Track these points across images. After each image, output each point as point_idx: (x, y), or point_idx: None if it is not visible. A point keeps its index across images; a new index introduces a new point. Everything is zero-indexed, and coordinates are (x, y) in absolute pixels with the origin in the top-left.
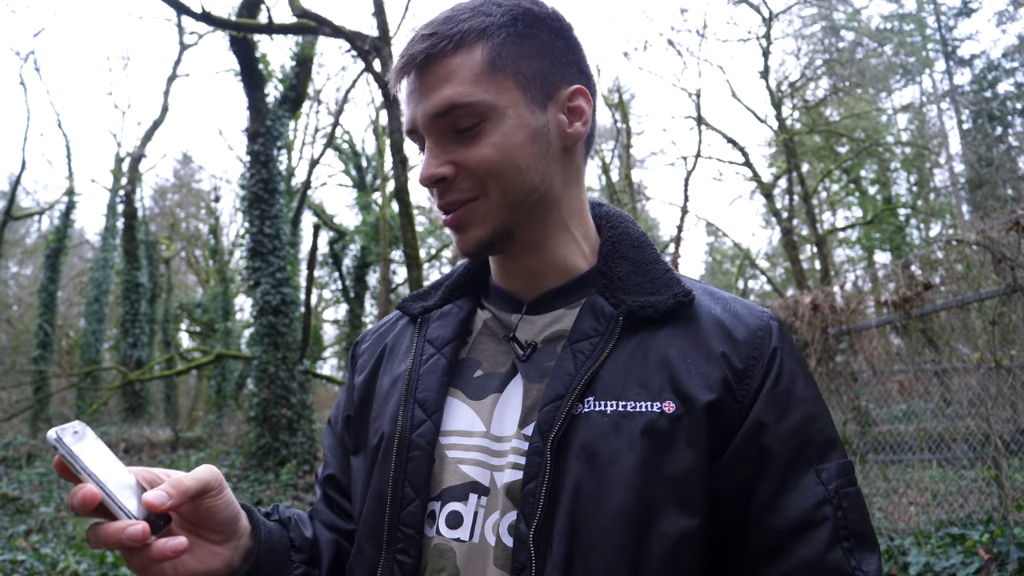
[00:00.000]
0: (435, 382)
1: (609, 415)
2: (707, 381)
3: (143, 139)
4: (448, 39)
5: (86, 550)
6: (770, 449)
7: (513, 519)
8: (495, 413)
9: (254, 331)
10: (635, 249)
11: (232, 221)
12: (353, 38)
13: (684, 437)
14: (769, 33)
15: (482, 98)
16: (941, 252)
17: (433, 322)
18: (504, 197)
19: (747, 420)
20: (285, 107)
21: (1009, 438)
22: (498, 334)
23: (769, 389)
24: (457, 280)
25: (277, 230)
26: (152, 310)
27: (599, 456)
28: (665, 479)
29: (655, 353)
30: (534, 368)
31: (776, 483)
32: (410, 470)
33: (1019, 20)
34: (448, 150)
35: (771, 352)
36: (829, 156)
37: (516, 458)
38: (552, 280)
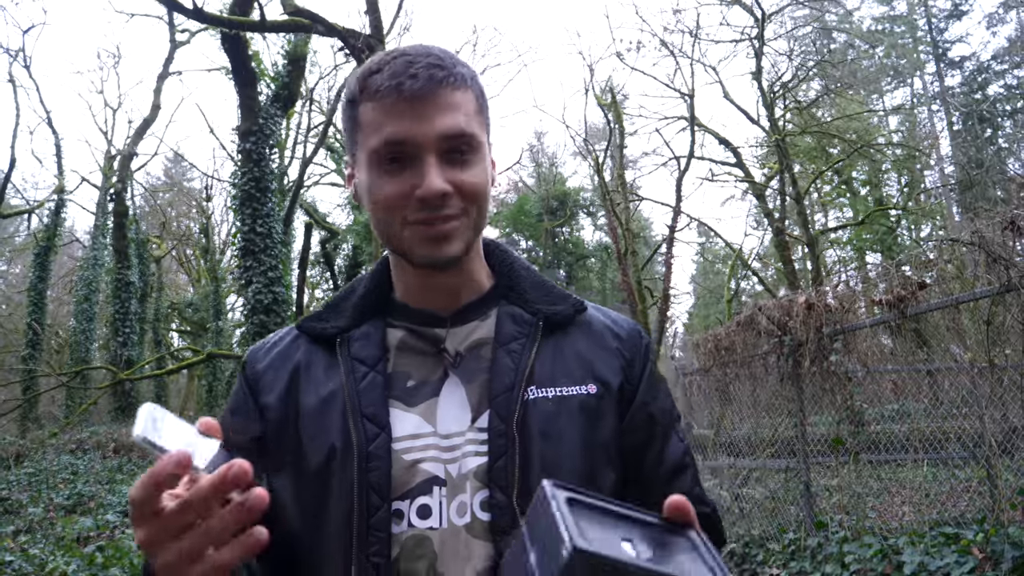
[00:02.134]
0: (378, 397)
1: (551, 399)
2: (613, 369)
3: (134, 137)
4: (454, 76)
5: (75, 551)
6: (655, 417)
7: (483, 496)
8: (438, 414)
9: (245, 330)
10: (528, 271)
11: (224, 220)
12: (346, 36)
13: (607, 411)
14: (762, 34)
15: (477, 132)
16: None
17: (355, 341)
18: (477, 219)
19: (636, 397)
20: (277, 105)
21: (1002, 438)
22: (418, 348)
23: (648, 374)
24: (362, 301)
25: (269, 229)
26: (143, 309)
27: (551, 432)
28: (599, 445)
29: (569, 350)
30: (466, 372)
31: (661, 442)
32: (373, 479)
33: (1009, 23)
34: (448, 171)
35: (645, 347)
36: (821, 157)
37: (475, 447)
38: (467, 295)
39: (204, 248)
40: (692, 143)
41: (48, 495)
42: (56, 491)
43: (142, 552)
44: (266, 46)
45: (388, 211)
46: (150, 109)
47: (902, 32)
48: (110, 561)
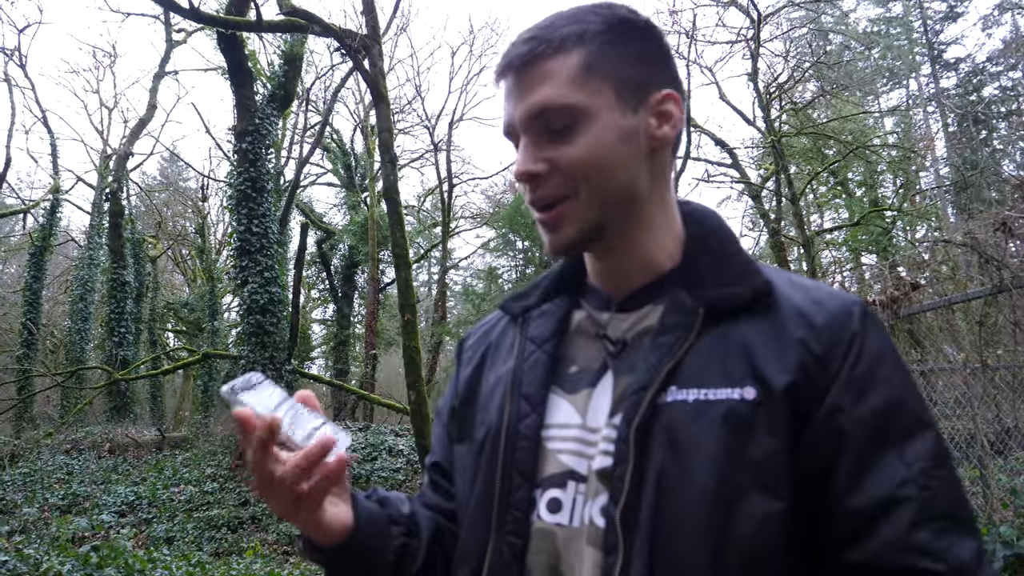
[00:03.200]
0: (537, 378)
1: (691, 403)
2: (784, 366)
3: (130, 137)
4: (547, 43)
5: (70, 551)
6: (847, 430)
7: (604, 502)
8: (590, 406)
9: (241, 330)
10: (721, 243)
11: (220, 220)
12: (342, 36)
13: (765, 422)
14: (758, 35)
15: (576, 100)
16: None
17: (533, 321)
18: (593, 196)
19: (824, 403)
20: (273, 105)
21: (994, 437)
22: (590, 332)
23: (847, 372)
24: (553, 280)
25: (265, 229)
26: (138, 309)
27: (681, 442)
28: (747, 463)
29: (735, 342)
30: (624, 363)
31: (854, 464)
32: (518, 458)
33: (1004, 25)
34: (542, 148)
35: (851, 336)
36: (817, 158)
37: (606, 445)
38: (639, 278)
39: (200, 248)
40: (688, 144)
41: (43, 495)
42: (51, 491)
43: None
44: (262, 46)
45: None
46: (146, 109)
47: (898, 34)
48: (105, 561)
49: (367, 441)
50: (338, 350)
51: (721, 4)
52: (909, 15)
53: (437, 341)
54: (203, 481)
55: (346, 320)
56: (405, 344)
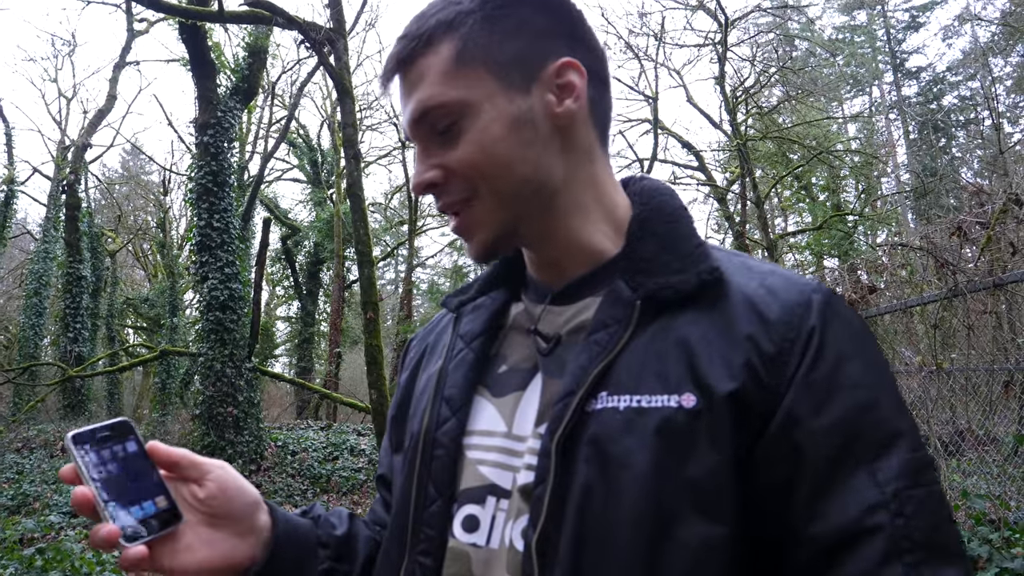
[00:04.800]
0: (461, 378)
1: (622, 411)
2: (729, 369)
3: (88, 128)
4: (416, 39)
5: (14, 553)
6: (805, 446)
7: (525, 523)
8: (517, 412)
9: (201, 327)
10: (667, 224)
11: (182, 214)
12: (307, 29)
13: (706, 435)
14: (725, 39)
15: (451, 96)
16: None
17: (466, 316)
18: (496, 195)
19: (777, 413)
20: (237, 98)
21: (948, 439)
22: (526, 327)
23: (804, 375)
24: (493, 271)
25: (226, 224)
26: (95, 304)
27: (609, 457)
28: (684, 482)
29: (674, 340)
30: (555, 363)
31: (815, 486)
32: (434, 469)
33: (964, 36)
34: (433, 154)
35: (808, 332)
36: (781, 162)
37: (531, 458)
38: (577, 268)
39: (160, 243)
40: (655, 146)
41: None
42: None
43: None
44: (227, 38)
45: None
46: (106, 99)
47: (862, 42)
48: (50, 564)
49: (329, 440)
50: (302, 348)
51: (689, 8)
52: (873, 24)
53: (402, 340)
54: None
55: (311, 317)
56: (367, 342)
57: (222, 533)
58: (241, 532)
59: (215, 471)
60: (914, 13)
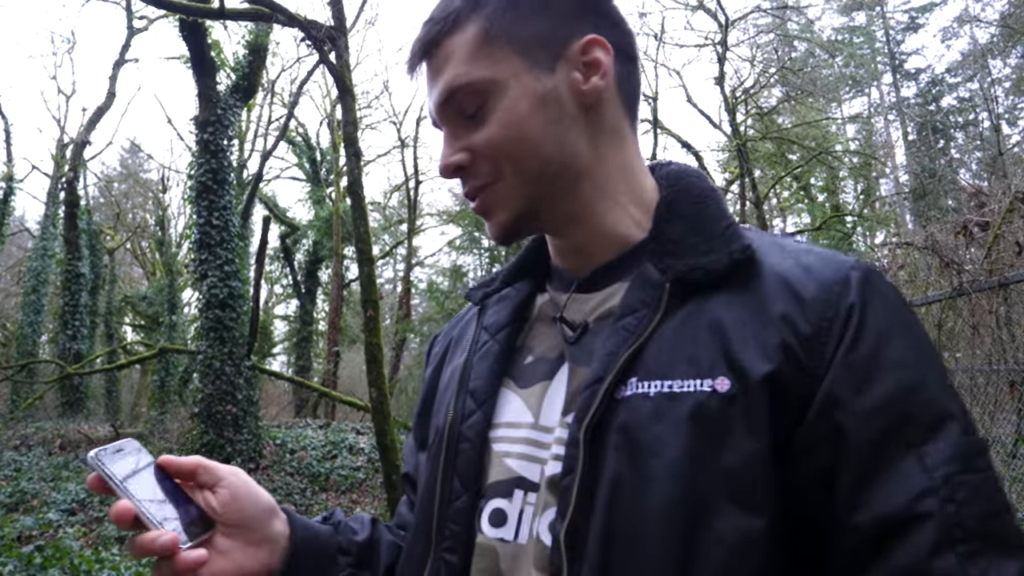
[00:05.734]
0: (487, 370)
1: (652, 397)
2: (765, 351)
3: (88, 125)
4: (442, 22)
5: (13, 551)
6: (847, 429)
7: (552, 516)
8: (544, 402)
9: (200, 325)
10: (695, 206)
11: (181, 212)
12: (308, 27)
13: (741, 420)
14: (725, 40)
15: (479, 75)
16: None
17: (491, 307)
18: (520, 175)
19: (817, 396)
20: (237, 96)
21: None
22: (548, 317)
23: (844, 355)
24: (517, 262)
25: (226, 222)
26: (94, 302)
27: (640, 445)
28: (719, 470)
29: (707, 322)
30: (583, 350)
31: (858, 471)
32: (459, 463)
33: (962, 37)
34: (460, 136)
35: (847, 309)
36: (781, 163)
37: (559, 448)
38: (604, 253)
39: (160, 240)
40: (655, 146)
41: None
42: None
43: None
44: (227, 35)
45: None
46: (105, 97)
47: (861, 43)
48: (49, 562)
49: (327, 439)
50: (300, 346)
51: (689, 8)
52: (872, 25)
53: (401, 338)
54: None
55: (309, 316)
56: (367, 341)
57: (236, 542)
58: (256, 540)
59: (228, 477)
60: (913, 14)
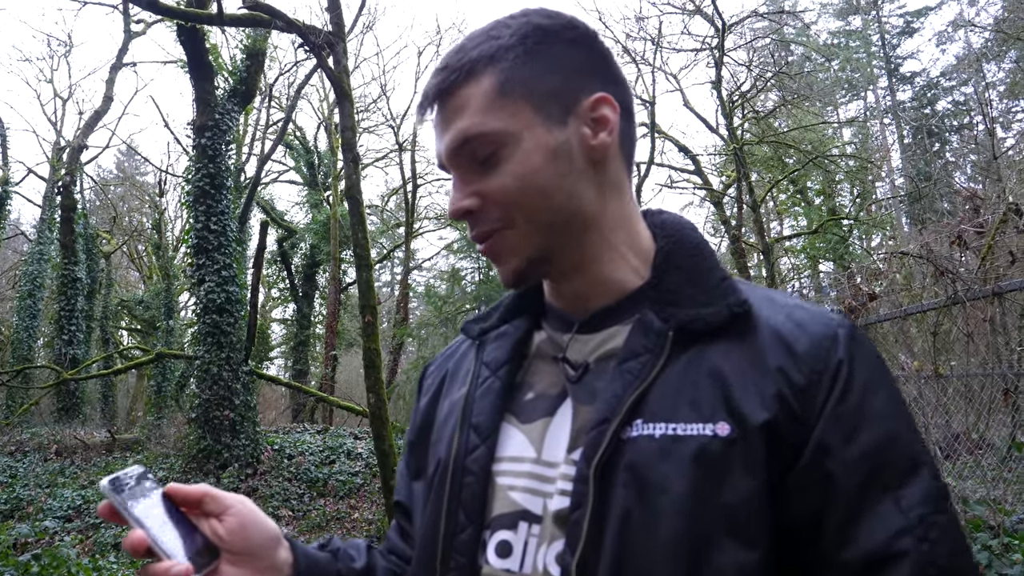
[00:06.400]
0: (489, 406)
1: (658, 439)
2: (762, 400)
3: (84, 129)
4: (457, 71)
5: (9, 559)
6: (836, 475)
7: (560, 548)
8: (546, 437)
9: (197, 330)
10: (690, 259)
11: (177, 216)
12: (306, 32)
13: (740, 463)
14: (722, 44)
15: (494, 126)
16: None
17: (490, 344)
18: (532, 224)
19: (809, 443)
20: (235, 101)
21: (945, 444)
22: (551, 355)
23: (834, 407)
24: (514, 300)
25: (223, 226)
26: (90, 306)
27: (647, 483)
28: (719, 508)
29: (707, 370)
30: (585, 390)
31: (845, 512)
32: (464, 496)
33: (957, 41)
34: (471, 182)
35: (836, 365)
36: (777, 166)
37: (565, 484)
38: (601, 299)
39: (156, 244)
40: (652, 150)
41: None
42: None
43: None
44: (225, 40)
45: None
46: (102, 100)
47: (857, 47)
48: (46, 570)
49: (325, 444)
50: (298, 350)
51: (686, 12)
52: (868, 29)
53: (399, 343)
54: None
55: (306, 320)
56: (365, 346)
57: (241, 570)
58: (261, 569)
59: (235, 505)
60: (908, 19)
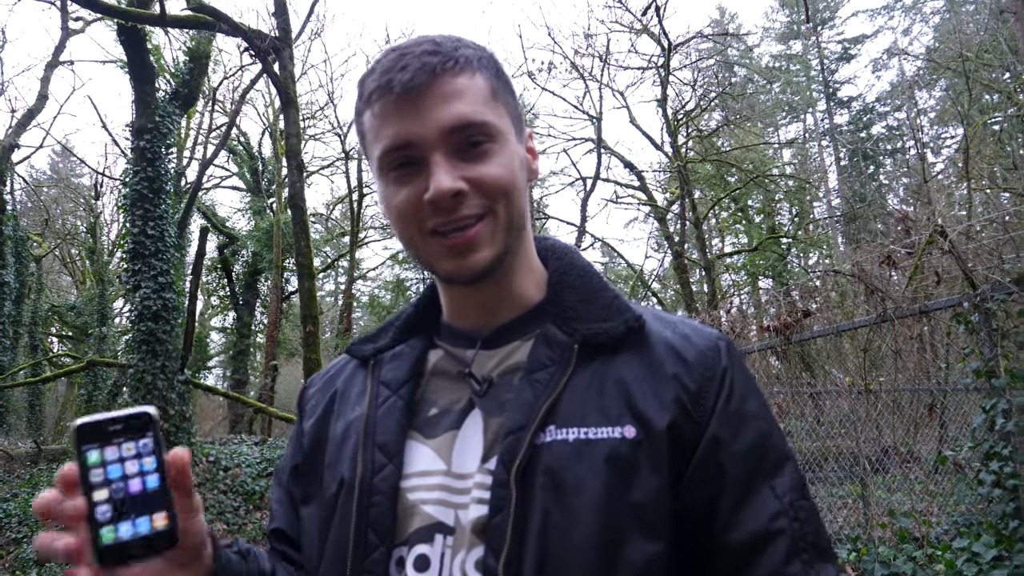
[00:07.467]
0: (394, 424)
1: (571, 443)
2: (663, 404)
3: (16, 128)
4: (454, 60)
5: None
6: (727, 467)
7: (480, 555)
8: (454, 450)
9: (132, 337)
10: (582, 279)
11: (114, 220)
12: (252, 37)
13: (646, 462)
14: (668, 63)
15: (492, 119)
16: (819, 281)
17: (386, 364)
18: (508, 217)
19: (703, 440)
20: (176, 103)
21: (875, 457)
22: (451, 372)
23: (722, 408)
24: (407, 320)
25: (161, 232)
26: (18, 312)
27: (564, 485)
28: (630, 505)
29: (611, 379)
30: (492, 402)
31: (734, 500)
32: (373, 516)
33: (892, 69)
34: (457, 166)
35: (722, 372)
36: (720, 185)
37: (481, 493)
38: (507, 312)
39: (91, 249)
40: (598, 165)
41: None
42: None
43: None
44: (168, 41)
45: (404, 223)
46: (36, 99)
47: (797, 71)
48: None
49: (263, 456)
50: (237, 360)
51: (634, 31)
52: (808, 54)
53: (341, 353)
54: None
55: (247, 329)
56: (306, 356)
57: (168, 564)
58: (185, 563)
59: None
60: (846, 45)
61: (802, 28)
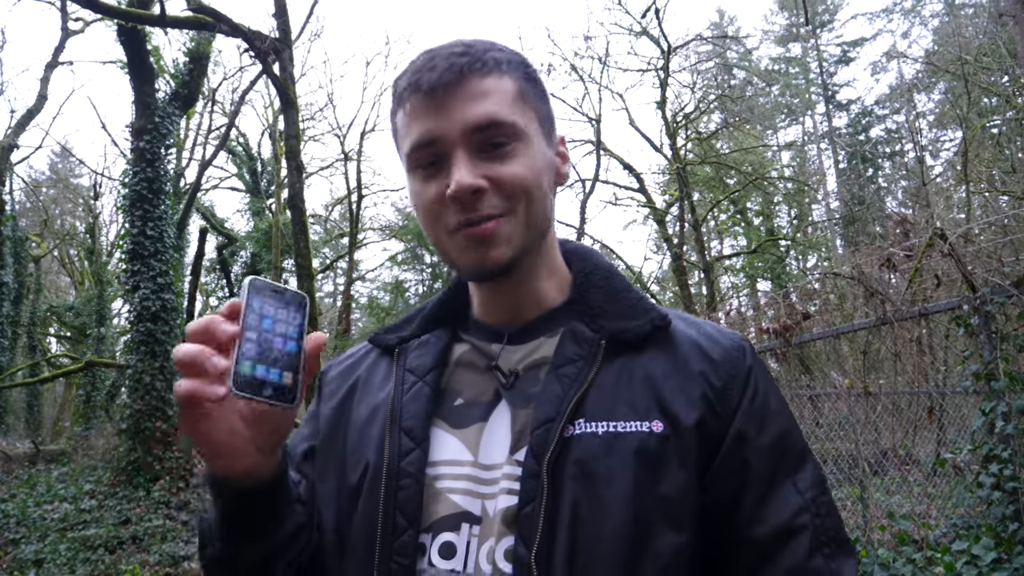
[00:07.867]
0: (420, 410)
1: (601, 436)
2: (690, 400)
3: (16, 128)
4: (481, 61)
5: None
6: (752, 462)
7: (509, 545)
8: (482, 441)
9: (130, 338)
10: (607, 280)
11: (113, 220)
12: (252, 38)
13: (674, 456)
14: (667, 66)
15: (517, 120)
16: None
17: (412, 351)
18: (528, 217)
19: (728, 436)
20: (176, 104)
21: (873, 460)
22: (477, 365)
23: (747, 405)
24: (433, 311)
25: (160, 232)
26: (16, 312)
27: (595, 476)
28: (658, 498)
29: (639, 375)
30: (518, 395)
31: (758, 494)
32: (401, 499)
33: (891, 71)
34: (479, 164)
35: (747, 370)
36: (719, 187)
37: (509, 484)
38: (531, 312)
39: (89, 249)
40: (598, 167)
41: None
42: None
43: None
44: (167, 41)
45: (430, 219)
46: (36, 99)
47: (796, 73)
48: None
49: None
50: None
51: (633, 33)
52: (807, 56)
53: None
54: (80, 498)
55: None
56: None
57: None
58: (265, 450)
59: None
60: (845, 48)
61: (801, 31)
